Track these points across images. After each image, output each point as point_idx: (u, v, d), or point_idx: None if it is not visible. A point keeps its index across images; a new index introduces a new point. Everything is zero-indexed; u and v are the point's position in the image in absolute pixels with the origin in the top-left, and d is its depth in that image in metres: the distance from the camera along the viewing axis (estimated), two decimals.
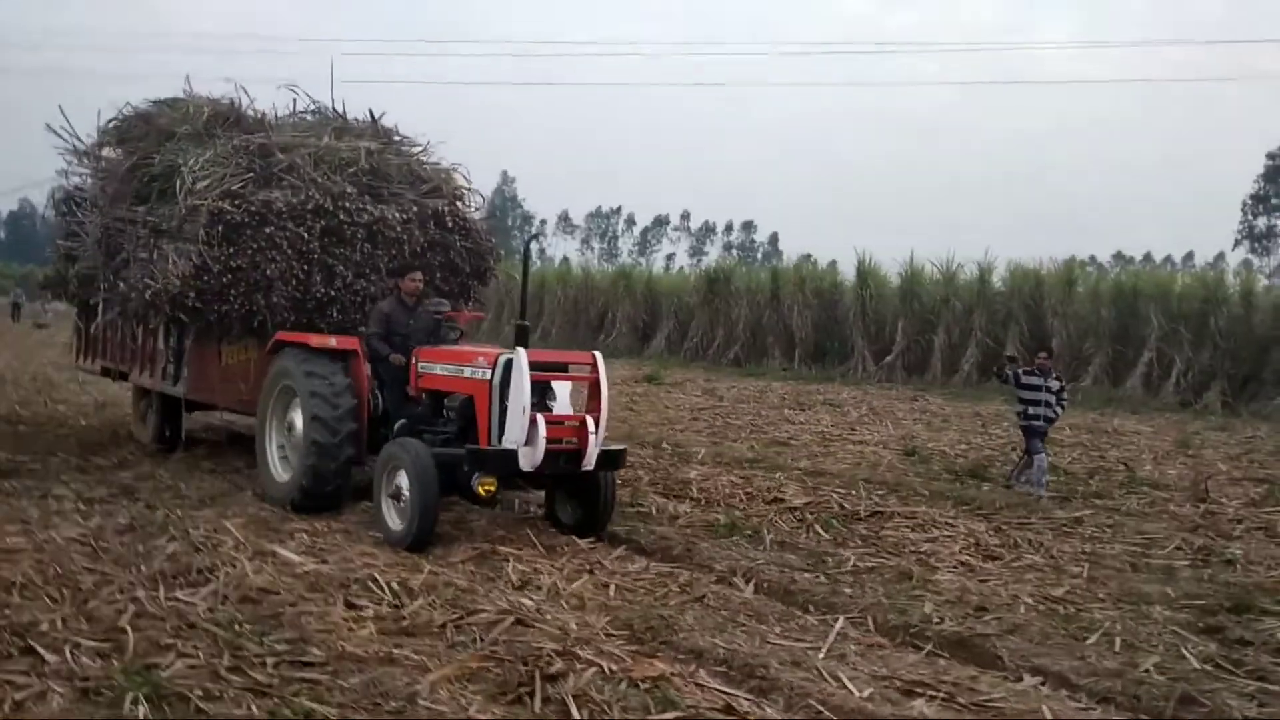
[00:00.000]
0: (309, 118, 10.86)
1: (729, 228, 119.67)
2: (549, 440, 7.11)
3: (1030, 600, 6.64)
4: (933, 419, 18.73)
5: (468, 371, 7.78)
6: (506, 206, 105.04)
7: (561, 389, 7.60)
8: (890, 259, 32.44)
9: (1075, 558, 7.88)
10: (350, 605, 5.70)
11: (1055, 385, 11.38)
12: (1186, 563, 7.98)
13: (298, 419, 8.39)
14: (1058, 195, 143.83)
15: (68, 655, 4.70)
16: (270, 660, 4.79)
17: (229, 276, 9.04)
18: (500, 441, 7.36)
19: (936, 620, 6.12)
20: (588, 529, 7.82)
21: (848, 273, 33.03)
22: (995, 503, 9.93)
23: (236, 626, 5.20)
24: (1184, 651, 5.73)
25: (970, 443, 15.10)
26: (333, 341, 8.49)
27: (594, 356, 7.76)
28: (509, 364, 7.38)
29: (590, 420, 7.38)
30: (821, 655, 5.39)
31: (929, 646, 5.73)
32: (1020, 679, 5.30)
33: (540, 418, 7.16)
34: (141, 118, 10.71)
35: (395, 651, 5.00)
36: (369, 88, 15.12)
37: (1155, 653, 5.71)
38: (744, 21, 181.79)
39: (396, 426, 8.22)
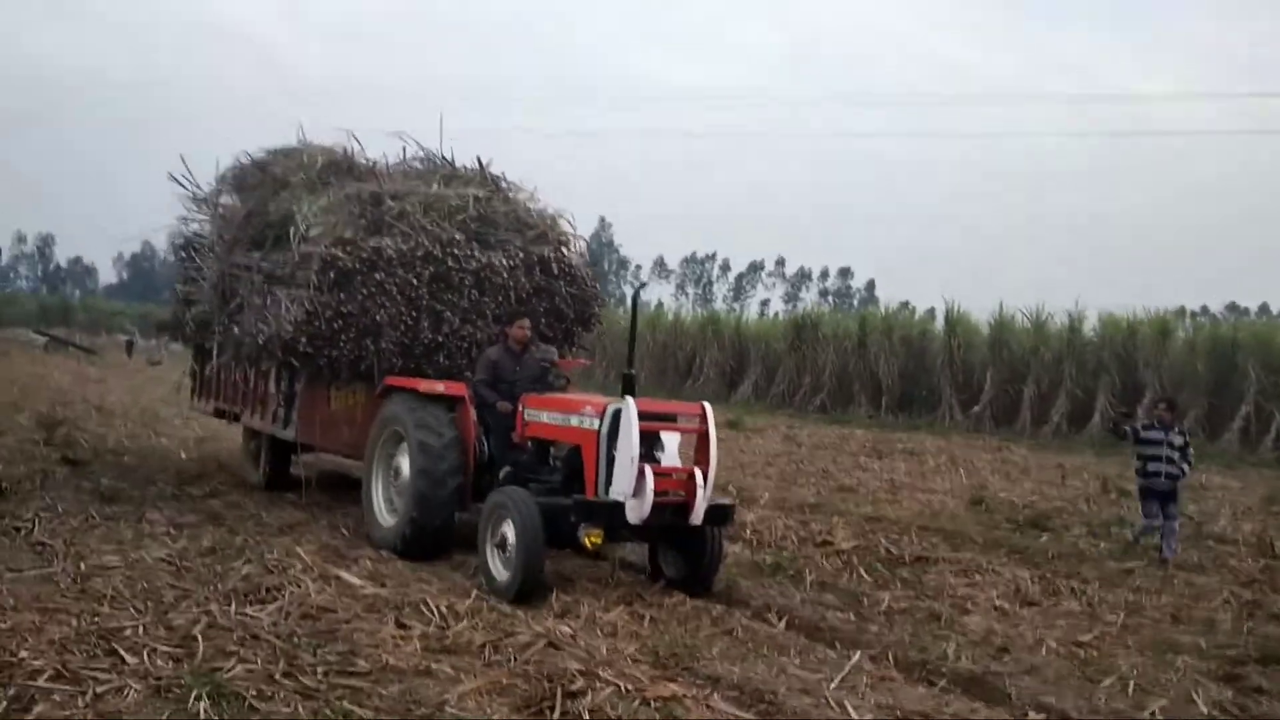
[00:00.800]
0: (418, 165, 11.06)
1: (824, 274, 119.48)
2: (656, 493, 7.01)
3: (1055, 644, 6.81)
4: (1011, 469, 18.65)
5: (575, 420, 7.71)
6: (603, 251, 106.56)
7: (670, 440, 7.56)
8: (984, 309, 32.18)
9: (1115, 607, 7.99)
10: (400, 624, 6.20)
11: (1178, 440, 10.54)
12: (1231, 616, 8.02)
13: (404, 464, 8.47)
14: (1174, 245, 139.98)
15: (145, 657, 5.28)
16: (320, 669, 5.30)
17: (339, 322, 9.14)
18: (607, 493, 7.26)
19: (954, 659, 6.36)
20: (693, 584, 7.66)
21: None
22: (1048, 552, 10.05)
23: (294, 639, 5.74)
24: (1194, 696, 5.87)
25: (1043, 494, 15.06)
26: (441, 387, 8.58)
27: (703, 407, 7.63)
28: (618, 414, 7.30)
29: (699, 473, 7.27)
30: (833, 686, 5.69)
31: (942, 683, 5.97)
32: (1024, 715, 5.52)
33: (649, 469, 7.05)
34: (258, 166, 11.13)
35: (434, 665, 5.48)
36: (473, 136, 15.39)
37: (1165, 697, 5.87)
38: (847, 69, 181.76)
39: (502, 474, 8.17)
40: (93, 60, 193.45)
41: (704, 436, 7.48)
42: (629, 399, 7.26)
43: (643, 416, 7.18)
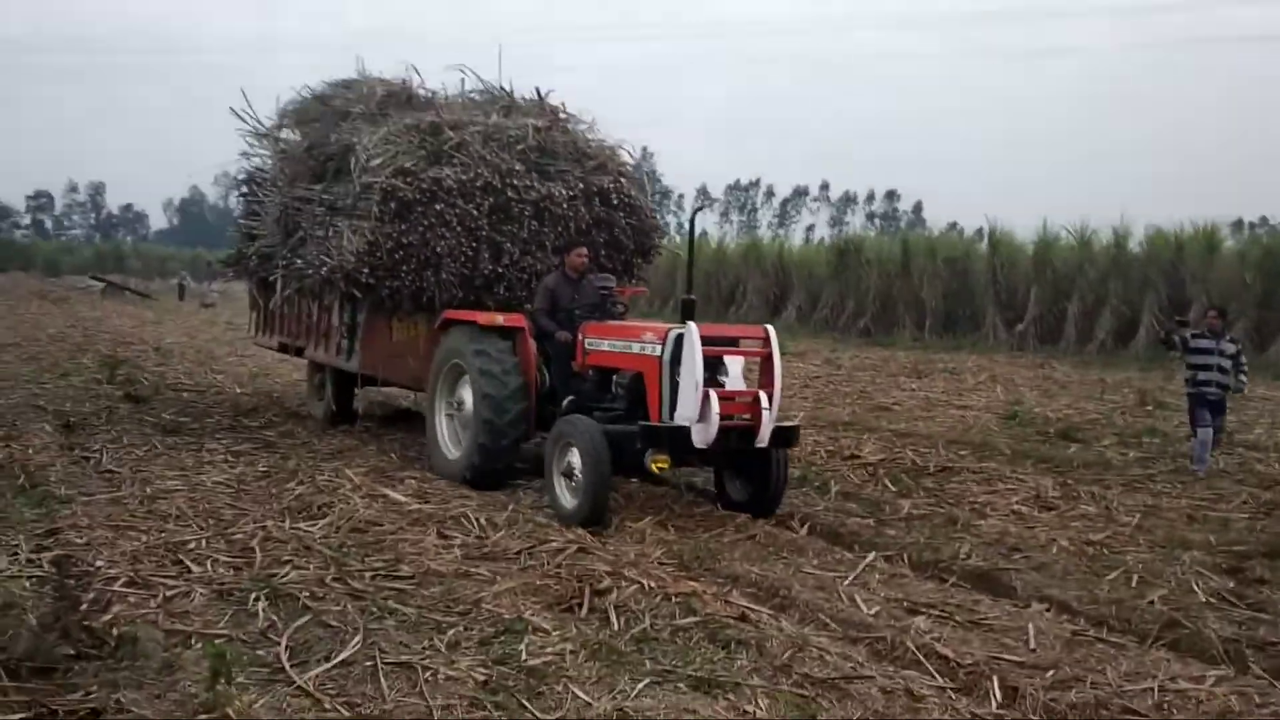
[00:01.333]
0: (475, 97, 10.97)
1: (870, 197, 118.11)
2: (722, 417, 6.97)
3: (1066, 543, 7.10)
4: (1051, 385, 18.72)
5: (636, 347, 7.66)
6: (644, 182, 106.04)
7: (734, 364, 7.53)
8: (1033, 229, 31.81)
9: (1132, 509, 8.24)
10: (442, 535, 6.65)
11: (1231, 349, 10.24)
12: (1246, 516, 8.23)
13: (467, 396, 8.52)
14: (1218, 158, 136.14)
15: (208, 566, 5.77)
16: (368, 574, 5.76)
17: (400, 253, 9.14)
18: (672, 418, 7.25)
19: (966, 557, 6.69)
20: (759, 507, 7.67)
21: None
22: (1074, 461, 10.28)
23: (344, 549, 6.22)
24: (1195, 586, 6.15)
25: (1079, 408, 15.15)
26: (500, 319, 8.56)
27: (765, 330, 7.56)
28: (679, 339, 7.27)
29: (764, 396, 7.21)
30: (846, 582, 6.04)
31: (952, 579, 6.31)
32: (1027, 605, 5.85)
33: (713, 394, 7.02)
34: (318, 99, 11.10)
35: (472, 570, 5.92)
36: (528, 69, 14.66)
37: (1166, 587, 6.15)
38: None
39: (565, 403, 8.16)
40: (141, 7, 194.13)
41: (768, 359, 7.41)
42: (691, 324, 7.20)
43: (705, 341, 7.14)
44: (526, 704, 4.17)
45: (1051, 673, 4.71)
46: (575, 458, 7.19)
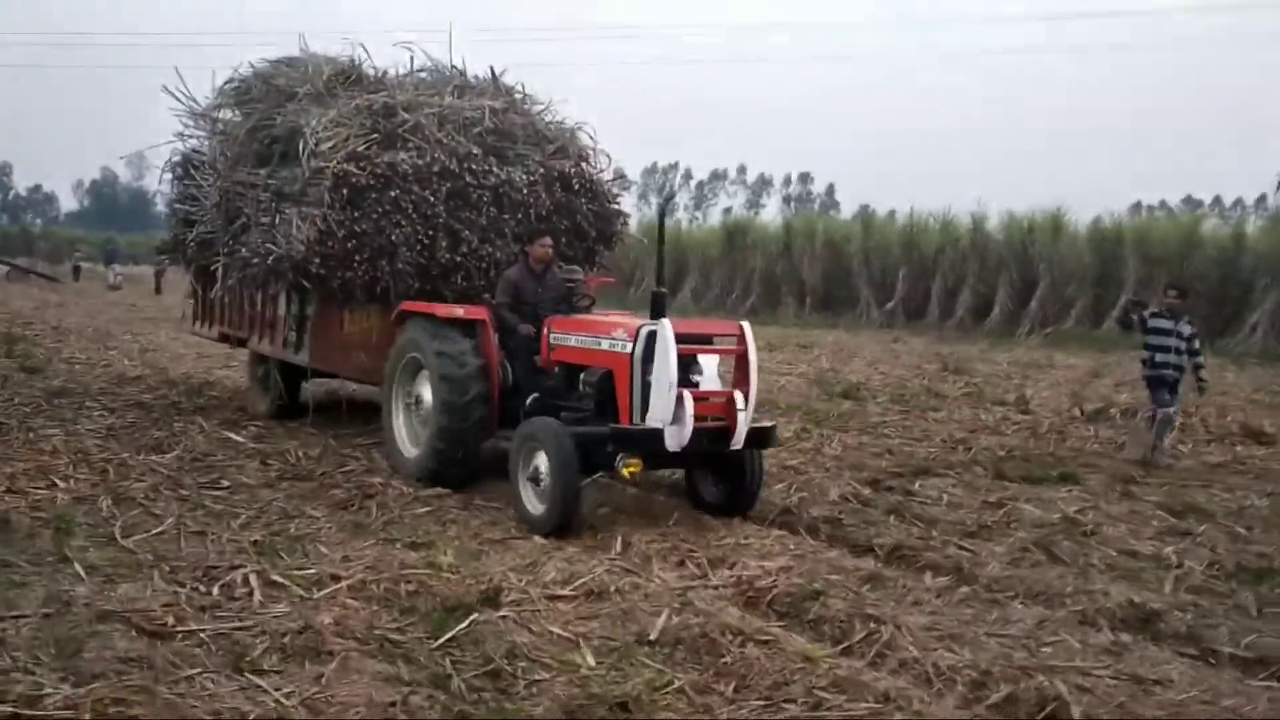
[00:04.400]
0: (426, 77, 10.51)
1: (787, 180, 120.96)
2: (696, 418, 6.72)
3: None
4: (885, 355, 20.83)
5: (605, 344, 7.36)
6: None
7: (708, 363, 7.15)
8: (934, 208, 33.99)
9: (840, 445, 10.29)
10: (264, 463, 8.49)
11: (1187, 330, 10.00)
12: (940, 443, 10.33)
13: (425, 392, 8.25)
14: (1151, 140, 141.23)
15: (70, 483, 7.46)
16: (195, 486, 7.57)
17: (353, 242, 8.77)
18: (644, 420, 6.99)
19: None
20: (734, 508, 7.47)
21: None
22: (832, 412, 12.37)
23: (180, 470, 8.03)
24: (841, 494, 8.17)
25: (886, 374, 17.21)
26: (460, 311, 8.24)
27: (740, 327, 7.36)
28: (651, 336, 7.01)
29: (739, 396, 7.00)
30: None
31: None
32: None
33: (688, 395, 6.75)
34: (260, 78, 10.53)
35: (277, 484, 7.82)
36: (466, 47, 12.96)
37: (823, 497, 8.16)
38: None
39: (529, 401, 7.86)
40: None
41: (743, 357, 7.23)
42: (664, 321, 6.97)
43: (679, 339, 6.86)
44: (282, 556, 6.00)
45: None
46: (542, 462, 6.89)
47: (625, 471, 6.78)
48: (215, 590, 5.31)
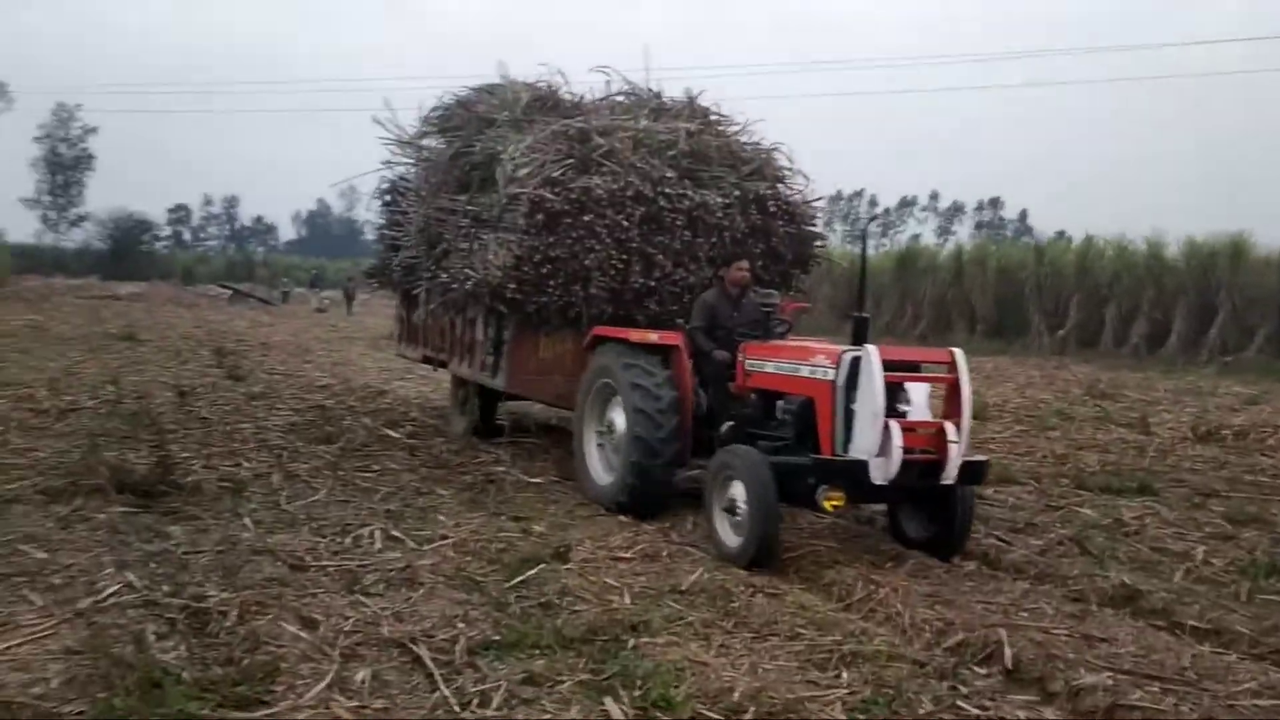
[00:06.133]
0: (623, 100, 10.61)
1: (979, 206, 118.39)
2: (904, 450, 6.35)
3: None
4: (1038, 381, 20.83)
5: (806, 371, 7.05)
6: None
7: (917, 391, 6.73)
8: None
9: None
10: (412, 454, 9.94)
11: None
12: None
13: (618, 418, 8.09)
14: None
15: (253, 463, 9.05)
16: (350, 470, 9.00)
17: (548, 267, 8.84)
18: (847, 450, 6.63)
19: None
20: (942, 549, 6.90)
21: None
22: None
23: (343, 459, 9.51)
24: None
25: (1031, 397, 17.40)
26: (654, 336, 8.16)
27: (952, 354, 6.93)
28: (855, 362, 6.66)
29: (950, 427, 6.56)
30: None
31: None
32: None
33: (895, 425, 6.38)
34: (462, 105, 10.89)
35: (416, 469, 9.20)
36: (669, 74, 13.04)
37: None
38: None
39: (724, 429, 7.65)
40: (273, 29, 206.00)
41: (954, 386, 6.79)
42: (869, 346, 6.62)
43: (886, 366, 6.50)
44: (406, 520, 7.31)
45: None
46: (739, 491, 6.64)
47: (827, 505, 6.47)
48: (348, 540, 6.66)
